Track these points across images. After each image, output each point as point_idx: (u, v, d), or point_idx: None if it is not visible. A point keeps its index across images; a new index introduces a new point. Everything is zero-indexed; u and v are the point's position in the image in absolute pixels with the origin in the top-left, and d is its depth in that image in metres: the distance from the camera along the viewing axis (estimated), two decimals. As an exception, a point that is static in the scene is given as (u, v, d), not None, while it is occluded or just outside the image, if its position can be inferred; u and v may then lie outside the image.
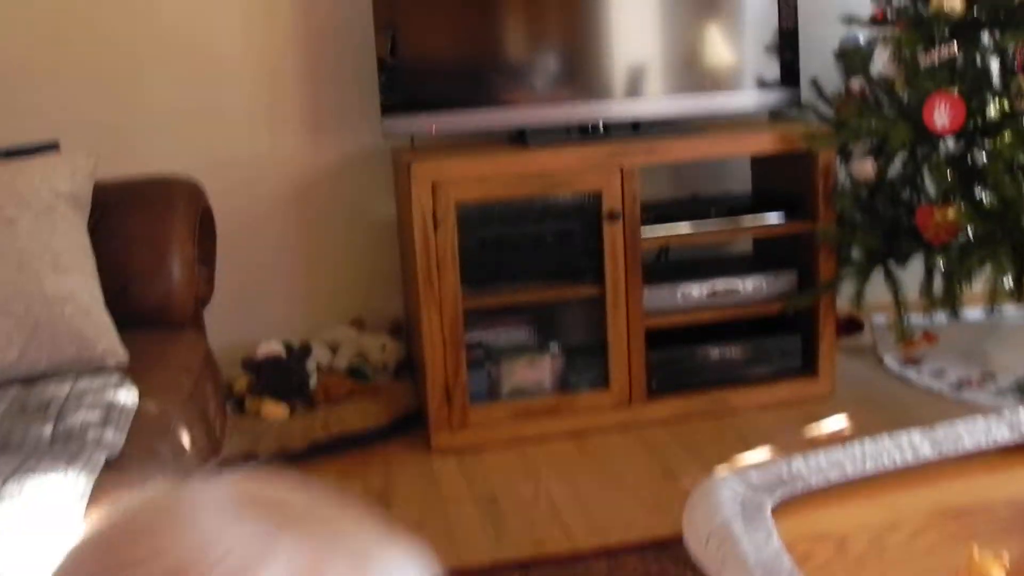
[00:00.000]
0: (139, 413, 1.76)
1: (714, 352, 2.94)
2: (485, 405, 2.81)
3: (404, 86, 2.78)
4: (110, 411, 1.70)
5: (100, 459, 1.59)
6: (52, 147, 2.35)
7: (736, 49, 2.96)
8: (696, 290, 2.89)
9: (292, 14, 2.98)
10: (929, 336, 3.18)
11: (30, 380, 1.83)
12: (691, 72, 2.93)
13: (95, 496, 1.54)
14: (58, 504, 1.47)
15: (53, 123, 2.82)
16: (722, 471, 2.53)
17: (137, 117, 2.94)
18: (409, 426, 2.87)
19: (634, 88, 2.90)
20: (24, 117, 2.84)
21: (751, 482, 1.31)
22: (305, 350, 2.88)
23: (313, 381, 2.85)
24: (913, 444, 1.33)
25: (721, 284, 2.91)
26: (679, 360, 2.92)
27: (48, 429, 1.65)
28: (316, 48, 3.01)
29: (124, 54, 2.91)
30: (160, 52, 2.93)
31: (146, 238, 2.04)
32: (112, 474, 1.60)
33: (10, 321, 1.81)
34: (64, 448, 1.61)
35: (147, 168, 2.43)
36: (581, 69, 2.89)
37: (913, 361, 3.15)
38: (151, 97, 2.95)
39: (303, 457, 2.73)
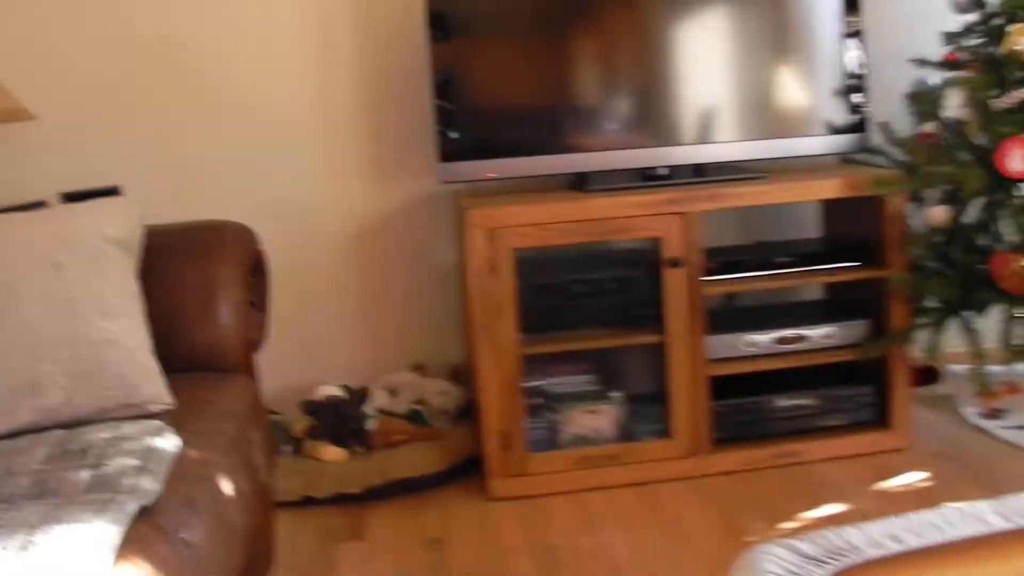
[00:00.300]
0: (179, 460, 1.69)
1: (782, 402, 2.79)
2: (544, 453, 2.70)
3: (463, 131, 2.71)
4: (148, 458, 1.63)
5: (133, 508, 1.52)
6: (113, 192, 2.33)
7: (805, 93, 2.83)
8: (763, 338, 2.75)
9: (351, 59, 2.95)
10: (1013, 387, 2.98)
11: (74, 424, 1.78)
12: (758, 116, 2.81)
13: (126, 546, 1.47)
14: (85, 553, 1.40)
15: (118, 169, 2.83)
16: (788, 527, 2.39)
17: (201, 164, 2.93)
18: (468, 472, 2.77)
19: (699, 133, 2.79)
20: (90, 162, 2.85)
21: (800, 552, 1.18)
22: (364, 394, 2.81)
23: (371, 425, 2.78)
24: (980, 514, 1.19)
25: (789, 332, 2.76)
26: (745, 410, 2.77)
27: (85, 475, 1.59)
28: (375, 93, 2.97)
29: (189, 102, 2.91)
30: (223, 100, 2.92)
31: (194, 283, 1.99)
32: (146, 523, 1.54)
33: (56, 366, 1.77)
34: (98, 496, 1.54)
35: (211, 214, 2.39)
36: (644, 114, 2.79)
37: (995, 413, 2.95)
38: (215, 145, 2.93)
39: (359, 501, 2.65)
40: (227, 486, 1.76)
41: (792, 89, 2.82)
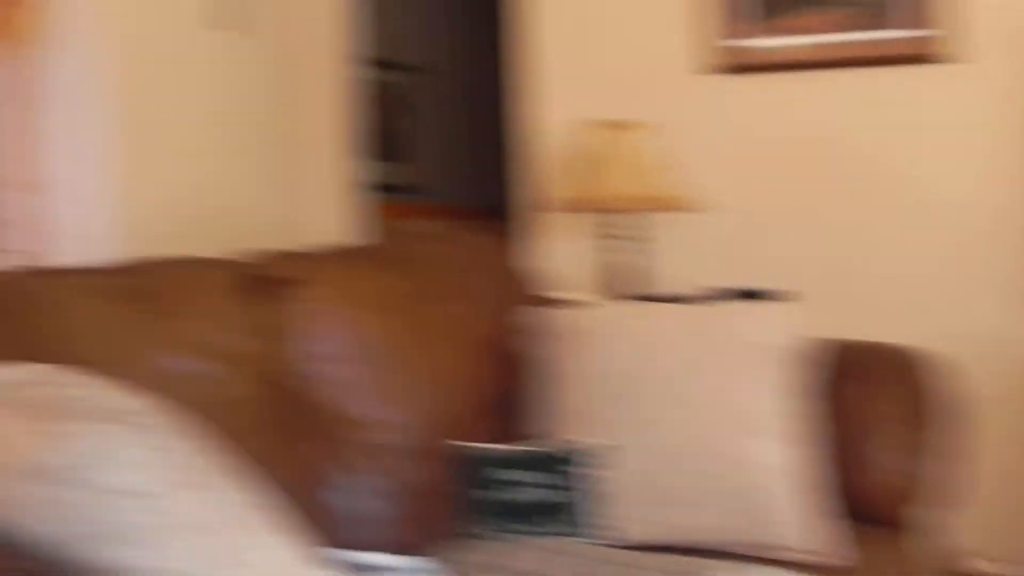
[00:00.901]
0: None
1: None
2: None
3: None
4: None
5: None
6: (771, 295, 2.02)
7: None
8: None
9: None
10: None
11: (693, 551, 1.45)
12: None
13: None
14: None
15: (781, 271, 2.51)
16: None
17: (879, 277, 2.52)
18: None
19: None
20: (750, 261, 2.58)
21: None
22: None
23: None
24: None
25: None
26: None
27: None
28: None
29: (870, 209, 2.54)
30: (903, 216, 2.51)
31: (844, 411, 1.58)
32: None
33: (684, 479, 1.47)
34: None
35: (884, 336, 1.96)
36: None
37: None
38: (896, 258, 2.52)
39: None
40: None
41: None
